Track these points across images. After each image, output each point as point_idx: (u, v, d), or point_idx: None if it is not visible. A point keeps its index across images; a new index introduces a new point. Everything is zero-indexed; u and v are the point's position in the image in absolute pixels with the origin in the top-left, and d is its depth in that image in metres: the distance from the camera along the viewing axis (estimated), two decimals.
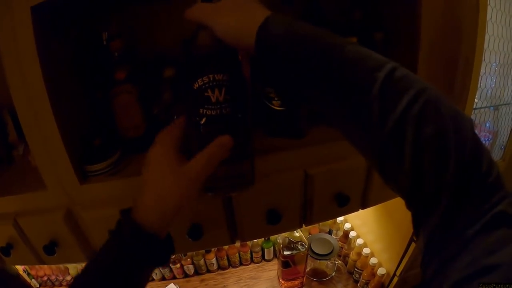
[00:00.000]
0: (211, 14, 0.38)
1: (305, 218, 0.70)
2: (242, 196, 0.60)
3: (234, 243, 0.68)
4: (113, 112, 0.60)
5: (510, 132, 1.15)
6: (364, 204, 0.76)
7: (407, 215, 0.38)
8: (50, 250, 0.59)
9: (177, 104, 0.61)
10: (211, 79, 0.39)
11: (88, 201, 0.58)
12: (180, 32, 0.69)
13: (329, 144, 0.64)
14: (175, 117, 0.60)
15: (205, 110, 0.40)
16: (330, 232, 1.32)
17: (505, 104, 1.09)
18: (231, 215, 0.63)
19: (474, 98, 0.75)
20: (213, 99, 0.40)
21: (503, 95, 1.07)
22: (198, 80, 0.40)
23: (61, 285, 1.23)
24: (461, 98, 0.68)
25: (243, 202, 0.61)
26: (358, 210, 0.77)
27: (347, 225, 1.22)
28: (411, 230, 0.40)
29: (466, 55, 0.63)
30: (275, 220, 0.62)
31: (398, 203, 0.78)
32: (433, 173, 0.30)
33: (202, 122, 0.41)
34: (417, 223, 0.35)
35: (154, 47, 0.68)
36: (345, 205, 0.68)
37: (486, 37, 0.71)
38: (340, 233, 1.29)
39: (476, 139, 0.30)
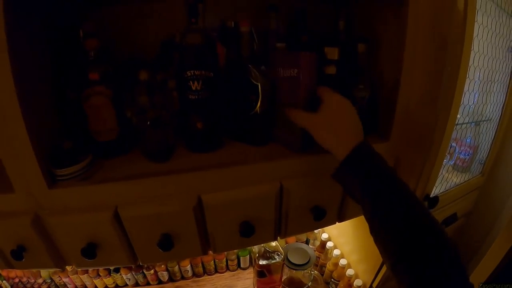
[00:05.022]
0: (314, 126, 0.55)
1: (280, 231, 0.70)
2: (214, 206, 0.60)
3: (206, 253, 0.67)
4: (86, 115, 0.59)
5: (490, 147, 1.16)
6: (340, 217, 0.76)
7: None
8: (18, 255, 0.57)
9: (151, 109, 0.59)
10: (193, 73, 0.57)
11: (56, 206, 0.56)
12: (156, 34, 0.70)
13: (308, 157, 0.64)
14: (148, 122, 0.59)
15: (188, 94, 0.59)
16: (307, 242, 1.32)
17: (486, 121, 1.11)
18: (203, 226, 0.62)
19: (457, 114, 0.76)
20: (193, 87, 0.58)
21: (484, 111, 1.08)
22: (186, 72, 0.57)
23: (32, 287, 1.19)
24: (445, 113, 0.68)
25: (215, 213, 0.61)
26: (335, 223, 0.77)
27: (324, 235, 1.22)
28: None
29: (450, 70, 0.63)
30: (249, 233, 0.62)
31: None
32: None
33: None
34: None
35: (130, 49, 0.67)
36: (322, 218, 0.68)
37: (472, 53, 0.72)
38: (317, 243, 1.28)
39: None
